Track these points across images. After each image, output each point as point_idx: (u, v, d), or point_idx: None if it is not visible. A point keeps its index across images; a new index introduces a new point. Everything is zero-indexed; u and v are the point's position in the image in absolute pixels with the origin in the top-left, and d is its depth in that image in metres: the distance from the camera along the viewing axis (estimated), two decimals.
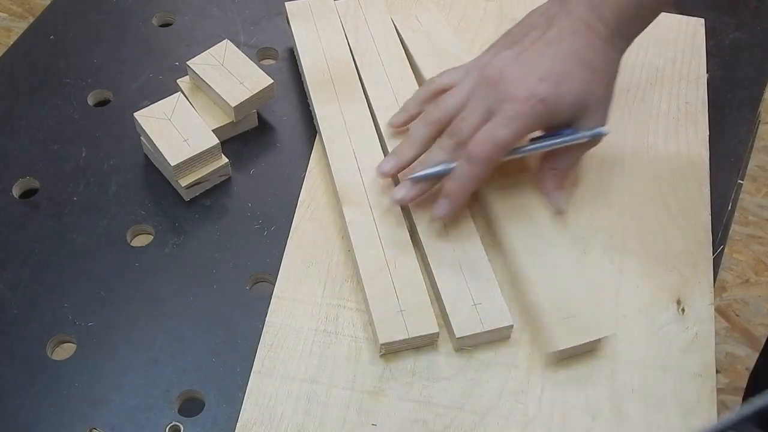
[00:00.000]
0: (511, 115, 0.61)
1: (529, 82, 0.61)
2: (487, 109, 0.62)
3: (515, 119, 0.61)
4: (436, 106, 0.65)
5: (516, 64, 0.63)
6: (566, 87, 0.62)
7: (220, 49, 0.75)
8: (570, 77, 0.62)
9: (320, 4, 0.81)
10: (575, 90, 0.62)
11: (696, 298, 0.65)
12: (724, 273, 1.52)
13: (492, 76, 0.63)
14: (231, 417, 0.58)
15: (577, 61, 0.62)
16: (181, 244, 0.67)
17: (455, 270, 0.63)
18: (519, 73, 0.62)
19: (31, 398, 0.59)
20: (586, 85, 0.62)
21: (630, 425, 0.58)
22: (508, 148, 0.62)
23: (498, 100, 0.62)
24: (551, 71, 0.62)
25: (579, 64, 0.62)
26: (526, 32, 0.65)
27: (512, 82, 0.62)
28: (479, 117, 0.62)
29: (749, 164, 0.77)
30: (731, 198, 0.72)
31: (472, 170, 0.62)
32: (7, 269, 0.65)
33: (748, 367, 1.41)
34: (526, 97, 0.61)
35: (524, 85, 0.61)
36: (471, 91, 0.64)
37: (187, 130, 0.69)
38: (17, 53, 0.81)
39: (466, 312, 0.61)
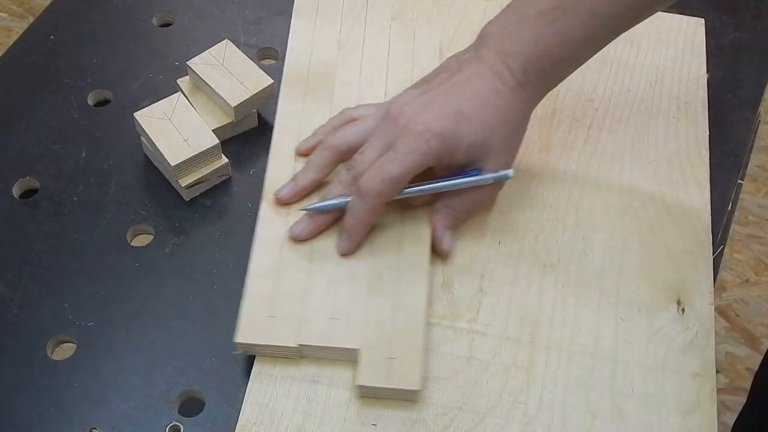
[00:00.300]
0: (403, 151, 0.61)
1: (426, 118, 0.61)
2: (385, 144, 0.62)
3: (408, 155, 0.60)
4: (336, 133, 0.66)
5: (417, 102, 0.63)
6: (465, 127, 0.61)
7: (220, 48, 0.75)
8: (470, 118, 0.61)
9: (328, 4, 0.81)
10: (474, 131, 0.61)
11: (696, 298, 0.65)
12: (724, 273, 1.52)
13: (393, 112, 0.63)
14: (231, 417, 0.58)
15: (479, 104, 0.62)
16: (181, 244, 0.67)
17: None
18: (418, 110, 0.62)
19: (31, 398, 0.59)
20: (486, 128, 0.62)
21: (630, 425, 0.58)
22: (399, 183, 0.61)
23: (395, 135, 0.62)
24: (450, 110, 0.61)
25: (481, 106, 0.62)
26: (436, 74, 0.66)
27: (410, 117, 0.62)
28: (377, 152, 0.62)
29: (749, 164, 0.77)
30: (731, 198, 0.72)
31: (364, 205, 0.62)
32: (7, 269, 0.65)
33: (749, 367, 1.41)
34: (421, 132, 0.61)
35: (421, 120, 0.61)
36: (374, 125, 0.64)
37: (187, 130, 0.69)
38: (17, 53, 0.81)
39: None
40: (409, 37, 0.79)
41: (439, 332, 0.62)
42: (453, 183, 0.64)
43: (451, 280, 0.65)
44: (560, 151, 0.73)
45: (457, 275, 0.65)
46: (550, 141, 0.74)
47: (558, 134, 0.74)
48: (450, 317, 0.63)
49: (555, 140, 0.74)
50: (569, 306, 0.64)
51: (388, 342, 0.60)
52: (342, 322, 0.60)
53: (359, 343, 0.60)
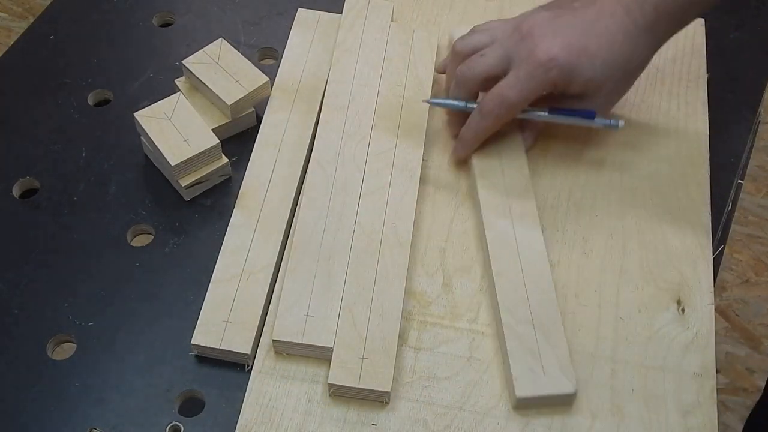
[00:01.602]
0: (524, 77, 0.64)
1: (552, 45, 0.63)
2: (506, 54, 0.65)
3: (527, 81, 0.64)
4: (462, 39, 0.70)
5: (547, 25, 0.65)
6: (587, 62, 0.63)
7: (215, 47, 0.75)
8: (594, 55, 0.63)
9: (328, 20, 0.81)
10: (594, 68, 0.63)
11: (696, 298, 0.65)
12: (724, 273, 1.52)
13: (522, 27, 0.65)
14: (231, 417, 0.58)
15: (606, 43, 0.63)
16: (181, 244, 0.67)
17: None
18: (546, 34, 0.64)
19: (31, 398, 0.59)
20: (606, 69, 0.64)
21: (630, 425, 0.58)
22: (516, 107, 0.65)
23: (519, 53, 0.64)
24: (577, 42, 0.63)
25: (606, 44, 0.63)
26: (570, 2, 0.67)
27: (537, 40, 0.64)
28: (495, 60, 0.66)
29: (749, 164, 0.77)
30: (731, 198, 0.72)
31: (482, 122, 0.67)
32: (7, 269, 0.65)
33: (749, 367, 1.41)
34: (544, 61, 0.63)
35: (547, 48, 0.63)
36: (500, 35, 0.67)
37: (187, 130, 0.69)
38: (17, 53, 0.81)
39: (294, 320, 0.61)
40: (407, 39, 0.79)
41: (439, 332, 0.62)
42: (566, 119, 0.68)
43: (451, 280, 0.65)
44: (560, 151, 0.73)
45: (457, 275, 0.65)
46: (550, 141, 0.74)
47: (558, 134, 0.74)
48: (450, 317, 0.63)
49: (555, 140, 0.74)
50: (569, 306, 0.64)
51: (361, 342, 0.60)
52: (316, 320, 0.61)
53: (332, 342, 0.60)
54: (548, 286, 0.63)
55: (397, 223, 0.66)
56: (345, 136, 0.71)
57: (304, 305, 0.61)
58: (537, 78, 0.64)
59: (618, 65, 0.64)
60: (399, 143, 0.71)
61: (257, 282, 0.63)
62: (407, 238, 0.65)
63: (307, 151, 0.71)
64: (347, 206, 0.67)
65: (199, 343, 0.60)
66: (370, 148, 0.71)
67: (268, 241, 0.66)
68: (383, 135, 0.72)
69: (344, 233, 0.65)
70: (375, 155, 0.70)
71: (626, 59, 0.64)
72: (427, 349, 0.62)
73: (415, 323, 0.63)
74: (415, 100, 0.74)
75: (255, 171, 0.70)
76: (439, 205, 0.70)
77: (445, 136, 0.74)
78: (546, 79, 0.64)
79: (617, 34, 0.63)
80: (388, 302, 0.62)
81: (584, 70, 0.63)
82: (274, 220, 0.67)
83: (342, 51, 0.77)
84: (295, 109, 0.74)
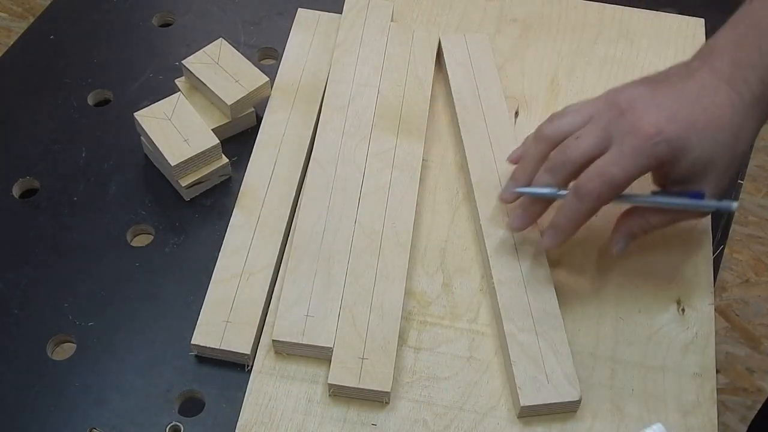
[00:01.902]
0: (628, 152, 0.56)
1: (658, 118, 0.57)
2: (606, 134, 0.58)
3: (632, 157, 0.56)
4: (551, 122, 0.62)
5: (648, 98, 0.58)
6: (695, 138, 0.57)
7: (215, 47, 0.75)
8: (702, 131, 0.57)
9: (328, 20, 0.81)
10: (703, 145, 0.57)
11: (696, 298, 0.65)
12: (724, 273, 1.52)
13: (620, 102, 0.59)
14: (231, 417, 0.58)
15: (715, 118, 0.57)
16: (181, 244, 0.67)
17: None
18: (649, 107, 0.57)
19: (31, 398, 0.59)
20: (716, 146, 0.57)
21: (630, 425, 0.58)
22: (620, 186, 0.57)
23: (620, 128, 0.57)
24: (684, 117, 0.57)
25: (714, 120, 0.57)
26: (665, 76, 0.60)
27: (640, 114, 0.57)
28: (594, 141, 0.58)
29: (749, 164, 0.77)
30: (731, 198, 0.72)
31: (580, 206, 0.58)
32: (7, 269, 0.65)
33: (749, 367, 1.41)
34: (651, 135, 0.56)
35: (652, 120, 0.57)
36: (594, 113, 0.60)
37: (187, 130, 0.69)
38: (17, 53, 0.81)
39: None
40: (407, 39, 0.79)
41: (439, 332, 0.62)
42: (675, 202, 0.60)
43: (451, 280, 0.65)
44: None
45: (457, 275, 0.65)
46: None
47: None
48: (450, 317, 0.63)
49: None
50: (569, 306, 0.64)
51: (361, 342, 0.60)
52: (316, 320, 0.61)
53: (332, 342, 0.60)
54: (550, 292, 0.63)
55: (397, 223, 0.66)
56: (345, 136, 0.71)
57: (304, 305, 0.61)
58: (643, 153, 0.56)
59: (727, 144, 0.57)
60: (399, 143, 0.71)
61: (257, 282, 0.63)
62: (407, 238, 0.65)
63: (307, 151, 0.71)
64: (347, 206, 0.67)
65: (199, 343, 0.60)
66: (370, 148, 0.71)
67: (268, 241, 0.66)
68: (383, 135, 0.72)
69: (344, 233, 0.65)
70: (375, 155, 0.70)
71: (735, 136, 0.57)
72: (427, 349, 0.62)
73: (415, 323, 0.63)
74: (415, 100, 0.74)
75: (255, 171, 0.70)
76: (439, 205, 0.70)
77: (445, 135, 0.74)
78: (653, 154, 0.56)
79: (725, 108, 0.57)
80: (388, 302, 0.62)
81: (693, 146, 0.56)
82: (274, 220, 0.67)
83: (342, 51, 0.78)
84: (295, 109, 0.74)
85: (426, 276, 0.65)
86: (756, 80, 0.57)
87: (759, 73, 0.57)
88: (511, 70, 0.79)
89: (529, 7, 0.84)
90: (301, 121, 0.73)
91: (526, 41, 0.82)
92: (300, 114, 0.74)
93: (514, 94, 0.77)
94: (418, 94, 0.75)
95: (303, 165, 0.70)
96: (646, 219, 0.61)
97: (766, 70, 0.57)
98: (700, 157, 0.57)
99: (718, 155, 0.57)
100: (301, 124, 0.73)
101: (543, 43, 0.81)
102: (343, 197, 0.67)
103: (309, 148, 0.72)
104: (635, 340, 0.62)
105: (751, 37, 0.58)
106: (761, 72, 0.57)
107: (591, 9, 0.84)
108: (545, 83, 0.78)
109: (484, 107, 0.74)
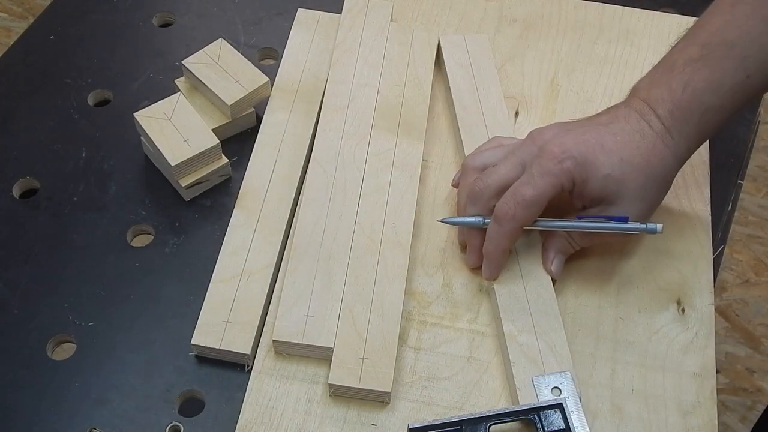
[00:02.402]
0: (538, 173, 0.60)
1: (564, 140, 0.60)
2: (520, 161, 0.62)
3: (541, 176, 0.60)
4: (474, 155, 0.66)
5: (563, 131, 0.62)
6: (603, 157, 0.60)
7: (215, 47, 0.75)
8: (610, 150, 0.60)
9: (328, 20, 0.81)
10: (612, 163, 0.60)
11: (696, 298, 0.65)
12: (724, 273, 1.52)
13: (536, 137, 0.63)
14: (231, 417, 0.58)
15: (622, 141, 0.60)
16: (181, 244, 0.67)
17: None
18: (559, 134, 0.62)
19: (31, 398, 0.59)
20: (625, 165, 0.60)
21: (630, 425, 0.58)
22: (533, 206, 0.60)
23: (532, 155, 0.61)
24: (591, 138, 0.60)
25: (624, 144, 0.60)
26: (586, 118, 0.65)
27: (549, 139, 0.61)
28: (510, 167, 0.62)
29: (749, 164, 0.77)
30: (731, 198, 0.72)
31: (500, 229, 0.61)
32: (7, 269, 0.65)
33: (749, 367, 1.41)
34: (556, 153, 0.60)
35: (559, 142, 0.60)
36: (514, 148, 0.64)
37: (187, 130, 0.69)
38: (17, 53, 0.81)
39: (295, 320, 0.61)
40: (407, 39, 0.79)
41: (439, 332, 0.62)
42: (597, 225, 0.62)
43: (451, 280, 0.65)
44: None
45: (457, 275, 0.65)
46: None
47: None
48: (450, 317, 0.63)
49: None
50: (569, 306, 0.64)
51: (362, 342, 0.60)
52: (316, 320, 0.61)
53: (333, 342, 0.60)
54: (549, 293, 0.63)
55: (397, 223, 0.66)
56: (345, 136, 0.71)
57: (304, 305, 0.61)
58: (552, 171, 0.59)
59: (638, 165, 0.60)
60: (399, 143, 0.71)
61: (257, 282, 0.63)
62: (407, 238, 0.65)
63: (307, 151, 0.71)
64: (347, 206, 0.67)
65: (199, 343, 0.60)
66: (370, 148, 0.71)
67: (268, 241, 0.66)
68: (383, 135, 0.72)
69: (344, 233, 0.65)
70: (375, 155, 0.70)
71: (645, 158, 0.60)
72: (427, 349, 0.62)
73: (415, 323, 0.63)
74: (415, 100, 0.74)
75: (255, 171, 0.70)
76: (439, 205, 0.70)
77: (445, 135, 0.74)
78: (561, 171, 0.59)
79: (633, 134, 0.60)
80: (389, 302, 0.62)
81: (601, 164, 0.60)
82: (274, 220, 0.67)
83: (341, 51, 0.77)
84: (295, 109, 0.74)
85: (426, 276, 0.65)
86: (665, 113, 0.61)
87: (668, 106, 0.61)
88: (511, 70, 0.79)
89: (529, 7, 0.84)
90: (301, 121, 0.73)
91: (526, 41, 0.82)
92: (300, 114, 0.74)
93: (514, 94, 0.77)
94: (417, 95, 0.75)
95: (303, 165, 0.70)
96: (573, 239, 0.64)
97: (675, 104, 0.61)
98: (610, 175, 0.60)
99: (630, 176, 0.60)
100: (301, 124, 0.73)
101: (543, 43, 0.81)
102: (343, 197, 0.67)
103: (309, 148, 0.72)
104: (635, 340, 0.62)
105: (664, 77, 0.62)
106: (669, 105, 0.61)
107: (591, 9, 0.85)
108: (545, 83, 0.78)
109: (484, 107, 0.74)
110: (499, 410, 0.56)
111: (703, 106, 0.61)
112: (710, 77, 0.60)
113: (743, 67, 0.60)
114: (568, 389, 0.57)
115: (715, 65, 0.60)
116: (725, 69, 0.60)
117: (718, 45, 0.61)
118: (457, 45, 0.79)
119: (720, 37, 0.61)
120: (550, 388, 0.57)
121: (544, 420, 0.56)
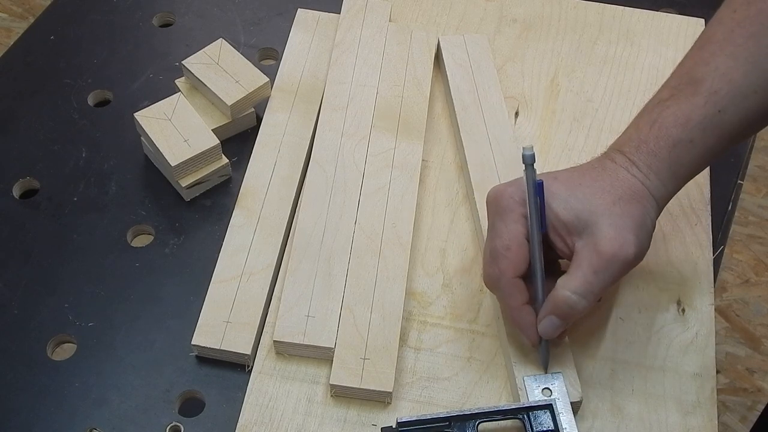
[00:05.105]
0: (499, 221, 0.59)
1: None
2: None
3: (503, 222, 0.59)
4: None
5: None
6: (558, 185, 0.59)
7: (215, 47, 0.75)
8: (567, 180, 0.60)
9: (328, 20, 0.81)
10: (572, 188, 0.59)
11: (696, 298, 0.65)
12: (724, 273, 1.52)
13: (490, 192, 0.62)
14: (231, 417, 0.58)
15: (580, 173, 0.60)
16: (181, 244, 0.67)
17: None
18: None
19: (31, 398, 0.59)
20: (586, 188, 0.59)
21: (630, 425, 0.58)
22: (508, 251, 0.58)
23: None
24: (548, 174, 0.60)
25: (582, 174, 0.60)
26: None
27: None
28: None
29: (749, 164, 0.77)
30: (731, 198, 0.72)
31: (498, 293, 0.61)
32: (7, 269, 0.65)
33: (749, 367, 1.41)
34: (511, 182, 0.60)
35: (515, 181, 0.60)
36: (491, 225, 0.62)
37: (187, 131, 0.69)
38: (17, 53, 0.81)
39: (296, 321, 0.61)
40: (406, 39, 0.79)
41: (439, 332, 0.62)
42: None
43: (452, 280, 0.65)
44: (560, 151, 0.73)
45: (457, 275, 0.65)
46: (550, 141, 0.74)
47: (558, 134, 0.74)
48: (450, 317, 0.63)
49: (555, 140, 0.74)
50: None
51: (362, 343, 0.60)
52: (317, 321, 0.61)
53: (333, 342, 0.60)
54: None
55: (397, 223, 0.66)
56: (344, 137, 0.71)
57: (305, 306, 0.61)
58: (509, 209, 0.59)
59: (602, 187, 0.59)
60: (399, 143, 0.71)
61: (257, 282, 0.63)
62: (407, 238, 0.65)
63: (307, 151, 0.71)
64: (347, 206, 0.67)
65: (199, 343, 0.60)
66: (369, 148, 0.71)
67: (268, 242, 0.66)
68: (383, 135, 0.72)
69: (344, 233, 0.65)
70: (375, 155, 0.70)
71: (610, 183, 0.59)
72: (428, 349, 0.62)
73: (416, 323, 0.63)
74: (415, 101, 0.74)
75: (255, 171, 0.70)
76: (439, 205, 0.70)
77: (445, 136, 0.74)
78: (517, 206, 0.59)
79: (594, 170, 0.60)
80: (389, 302, 0.62)
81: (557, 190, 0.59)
82: (274, 220, 0.67)
83: (340, 51, 0.78)
84: (295, 110, 0.74)
85: (426, 276, 0.65)
86: (631, 149, 0.60)
87: (634, 143, 0.60)
88: (511, 71, 0.79)
89: (529, 7, 0.84)
90: (300, 121, 0.73)
91: (526, 41, 0.82)
92: (300, 114, 0.74)
93: (514, 94, 0.77)
94: (417, 95, 0.75)
95: (303, 165, 0.70)
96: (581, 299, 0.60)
97: (641, 140, 0.60)
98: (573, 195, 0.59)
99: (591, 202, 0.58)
100: (301, 125, 0.73)
101: (543, 43, 0.81)
102: (343, 197, 0.67)
103: (309, 148, 0.72)
104: (635, 340, 0.62)
105: (633, 122, 0.62)
106: (636, 142, 0.60)
107: (591, 9, 0.85)
108: (545, 83, 0.78)
109: (484, 108, 0.74)
110: (488, 408, 0.56)
111: (671, 140, 0.59)
112: (677, 112, 0.59)
113: (713, 101, 0.59)
114: (558, 390, 0.57)
115: (683, 101, 0.60)
116: (694, 104, 0.59)
117: (687, 84, 0.60)
118: (456, 45, 0.79)
119: (689, 76, 0.60)
120: (540, 388, 0.57)
121: (533, 420, 0.56)
